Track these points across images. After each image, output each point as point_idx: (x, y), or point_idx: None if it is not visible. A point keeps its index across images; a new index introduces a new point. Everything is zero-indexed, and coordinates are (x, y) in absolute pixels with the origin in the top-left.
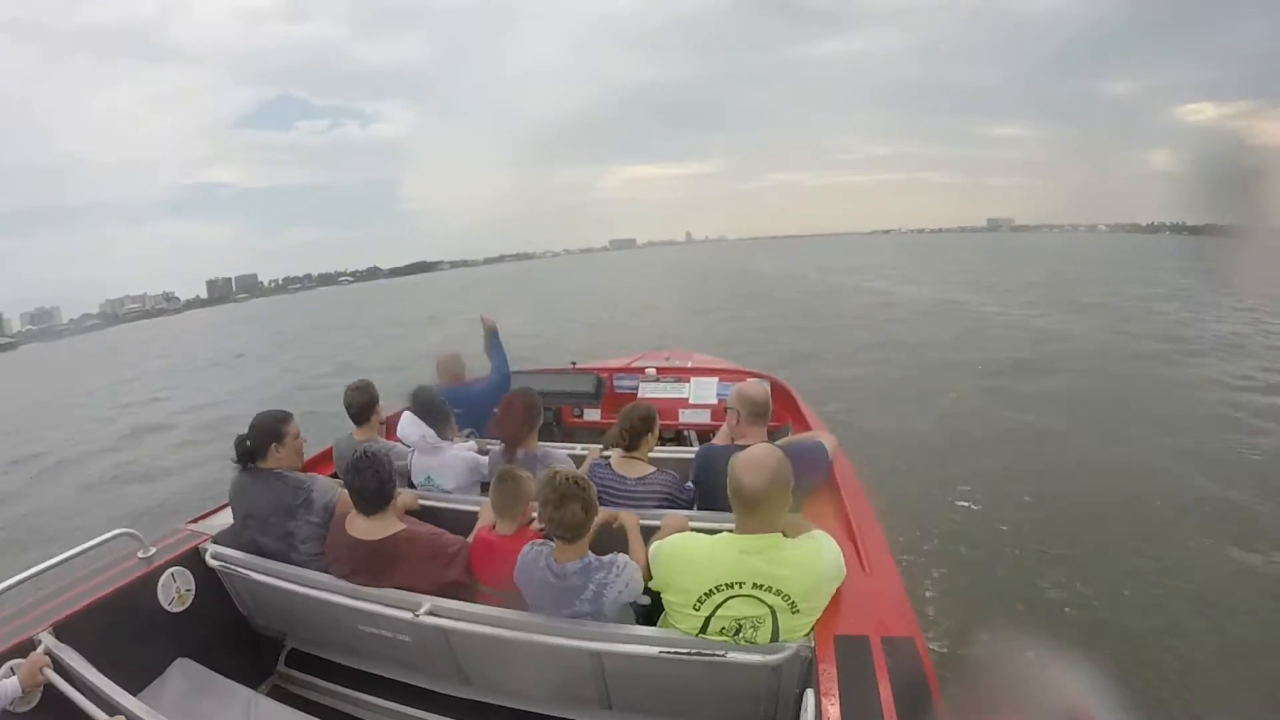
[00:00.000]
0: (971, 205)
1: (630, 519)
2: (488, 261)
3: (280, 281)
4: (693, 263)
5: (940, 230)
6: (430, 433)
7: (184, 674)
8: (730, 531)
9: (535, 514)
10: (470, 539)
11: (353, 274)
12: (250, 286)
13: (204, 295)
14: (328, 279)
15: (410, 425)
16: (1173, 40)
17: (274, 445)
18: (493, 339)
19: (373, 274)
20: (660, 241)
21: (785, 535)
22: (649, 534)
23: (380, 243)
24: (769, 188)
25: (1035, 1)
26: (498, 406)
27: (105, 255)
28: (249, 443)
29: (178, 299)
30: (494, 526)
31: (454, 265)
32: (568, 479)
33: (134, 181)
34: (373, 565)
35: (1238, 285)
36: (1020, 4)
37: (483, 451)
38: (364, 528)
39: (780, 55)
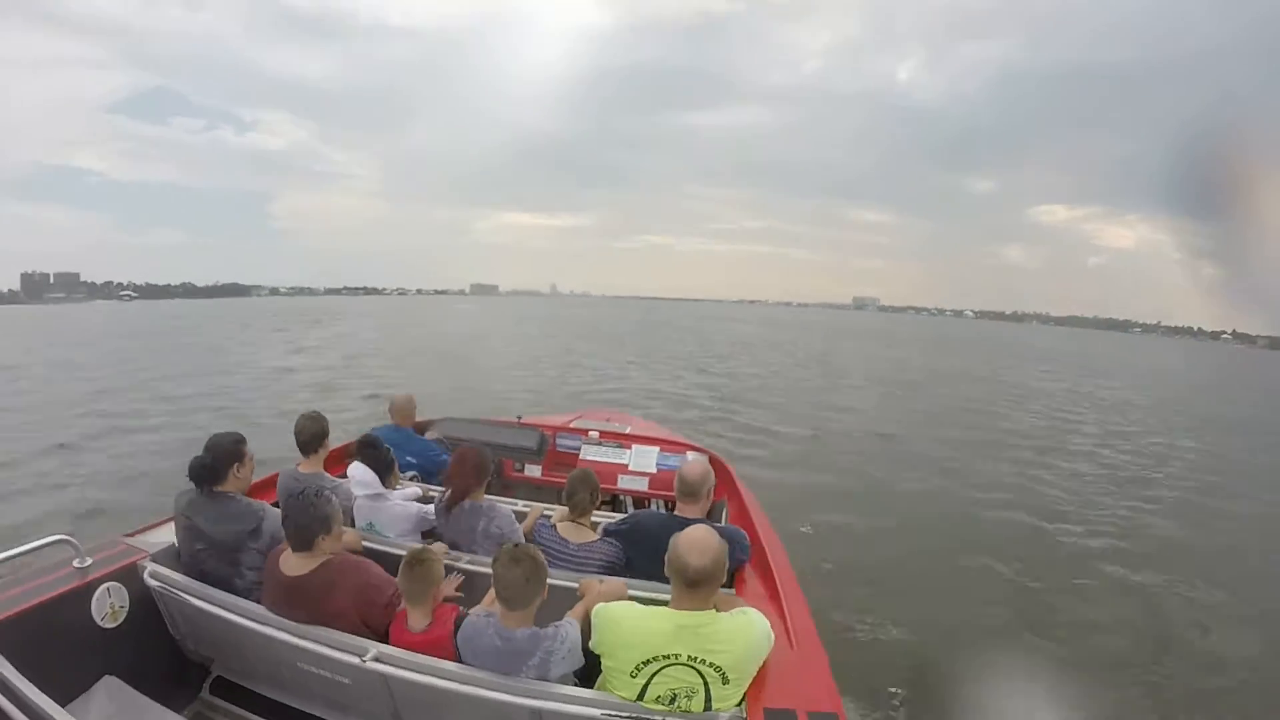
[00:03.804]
0: (837, 283)
1: (591, 585)
2: (329, 292)
3: (99, 284)
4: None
5: (806, 305)
6: (374, 480)
7: (110, 694)
8: (667, 605)
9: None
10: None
11: (135, 289)
12: (71, 285)
13: (17, 289)
14: (106, 290)
15: (355, 471)
16: (1031, 145)
17: (235, 466)
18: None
19: (162, 292)
20: (524, 290)
21: (718, 610)
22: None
23: (241, 256)
24: (638, 248)
25: (907, 99)
26: (452, 459)
27: None
28: (208, 463)
29: None
30: (406, 620)
31: (290, 292)
32: (528, 551)
33: None
34: (294, 599)
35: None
36: (895, 100)
37: (426, 499)
38: (293, 564)
39: (660, 119)
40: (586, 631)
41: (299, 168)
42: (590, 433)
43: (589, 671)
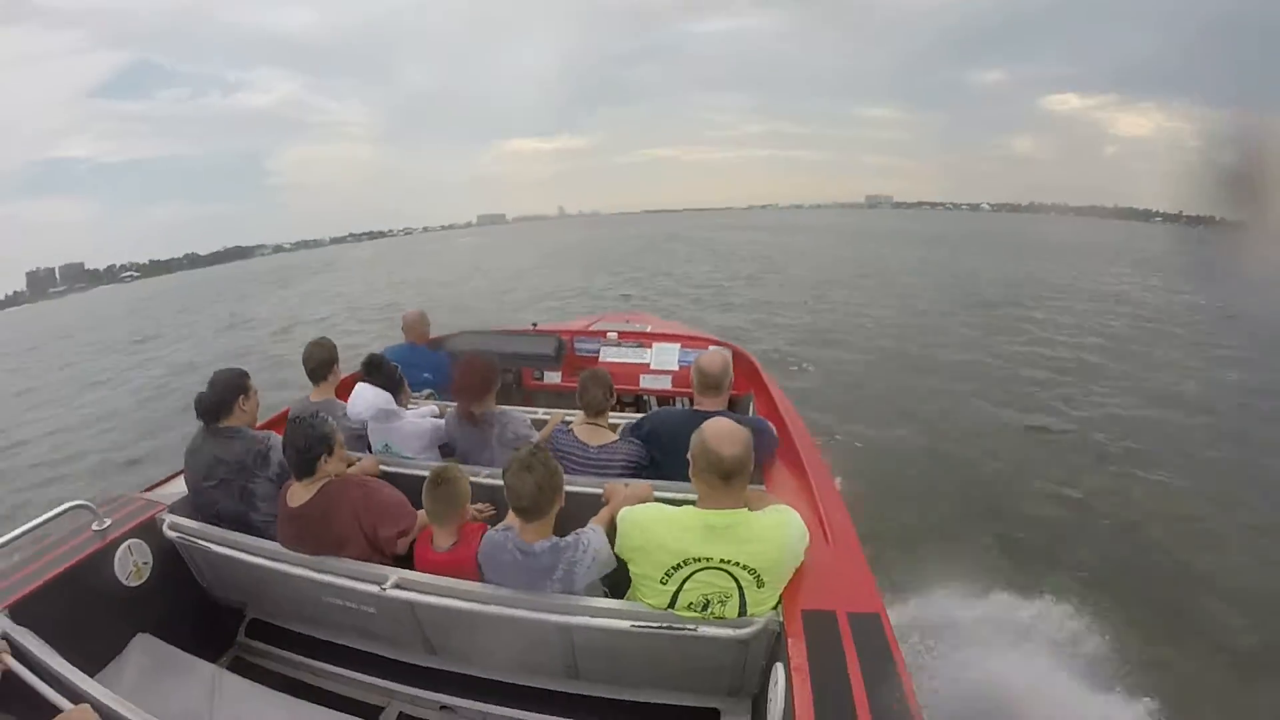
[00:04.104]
0: (848, 183)
1: (616, 489)
2: (334, 241)
3: (102, 270)
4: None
5: (819, 206)
6: (387, 399)
7: (144, 650)
8: (694, 505)
9: (475, 512)
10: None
11: (137, 267)
12: (76, 275)
13: (23, 289)
14: (110, 275)
15: (362, 398)
16: (1043, 35)
17: (240, 399)
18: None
19: (164, 267)
20: (531, 216)
21: (749, 508)
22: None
23: (244, 219)
24: (642, 163)
25: None
26: (455, 369)
27: None
28: (213, 398)
29: None
30: (431, 540)
31: (295, 247)
32: (537, 456)
33: None
34: (302, 530)
35: None
36: None
37: (442, 413)
38: (298, 493)
39: (660, 32)
40: (613, 538)
41: (292, 121)
42: (609, 334)
43: (619, 580)
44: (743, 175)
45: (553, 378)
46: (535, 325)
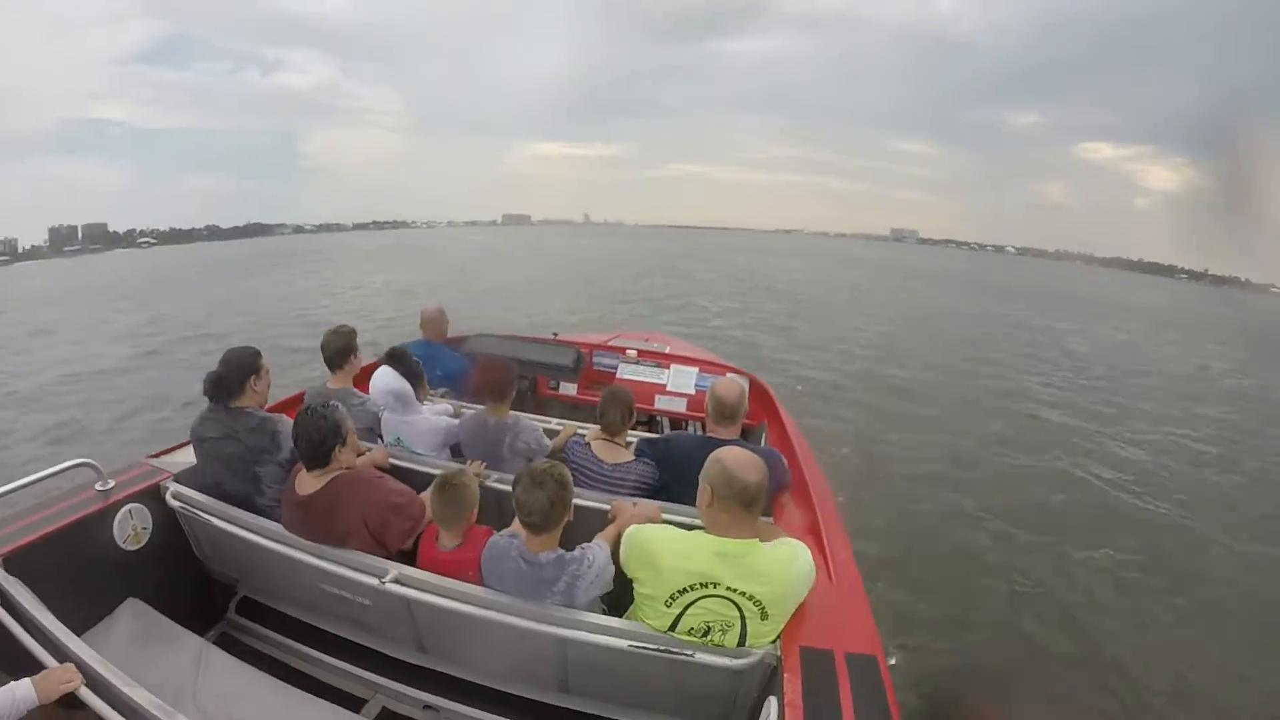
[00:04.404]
0: (874, 214)
1: (624, 508)
2: (357, 227)
3: (122, 233)
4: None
5: (844, 235)
6: (406, 388)
7: (134, 615)
8: (703, 530)
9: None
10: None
11: (155, 234)
12: (98, 236)
13: (43, 243)
14: (129, 239)
15: (382, 380)
16: (1080, 80)
17: (252, 379)
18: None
19: (186, 236)
20: (557, 220)
21: (760, 540)
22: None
23: (272, 197)
24: (671, 178)
25: (953, 28)
26: (475, 371)
27: None
28: (224, 376)
29: (14, 245)
30: (436, 538)
31: (317, 229)
32: (550, 473)
33: (20, 111)
34: (308, 519)
35: None
36: (939, 28)
37: (457, 414)
38: (307, 482)
39: (696, 48)
40: (617, 555)
41: (327, 105)
42: (628, 351)
43: (619, 599)
44: (769, 198)
45: (568, 389)
46: (555, 335)
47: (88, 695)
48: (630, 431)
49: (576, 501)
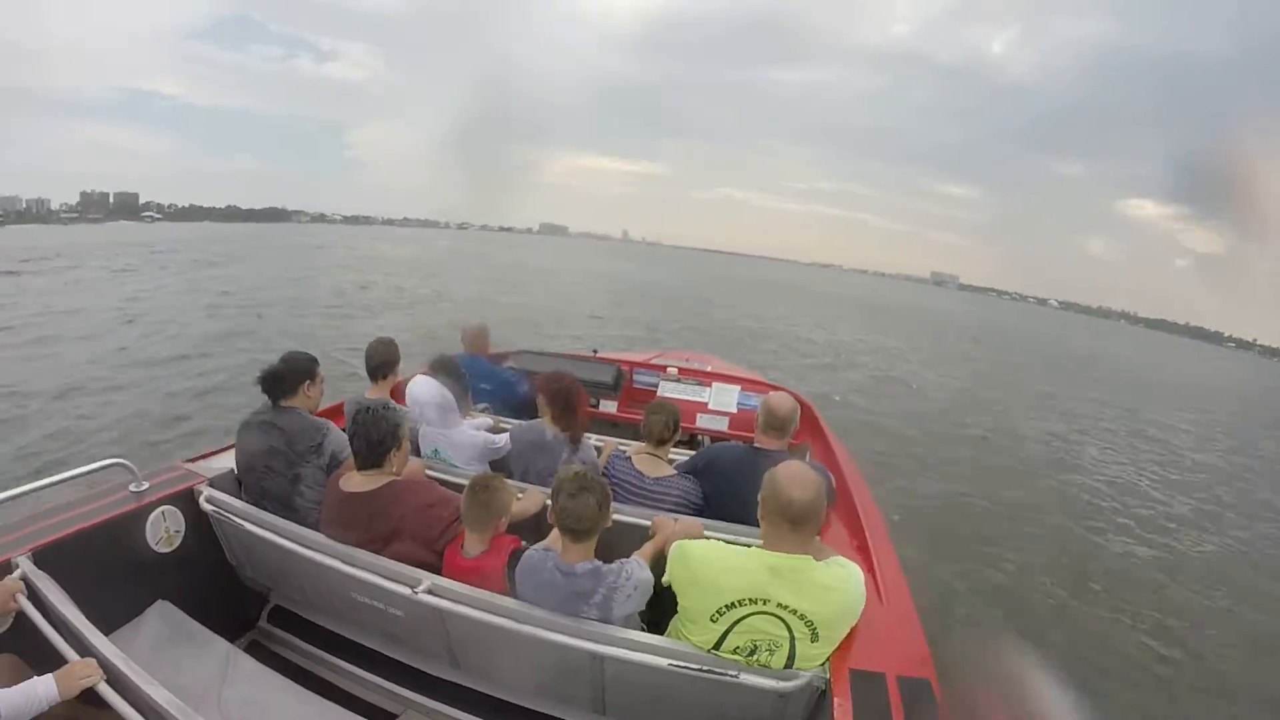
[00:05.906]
0: (913, 255)
1: (665, 523)
2: (386, 222)
3: (165, 206)
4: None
5: (883, 275)
6: (450, 399)
7: (163, 617)
8: (758, 546)
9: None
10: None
11: (160, 209)
12: (131, 207)
13: (72, 205)
14: (132, 209)
15: (425, 392)
16: (1127, 135)
17: (307, 384)
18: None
19: (189, 214)
20: (594, 234)
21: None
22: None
23: (311, 184)
24: (712, 200)
25: (1001, 74)
26: (542, 384)
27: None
28: (281, 373)
29: (48, 206)
30: (461, 545)
31: (346, 221)
32: (592, 476)
33: (75, 72)
34: (360, 519)
35: None
36: (992, 73)
37: (498, 430)
38: (357, 481)
39: (750, 73)
40: (656, 573)
41: (375, 99)
42: (669, 369)
43: (657, 622)
44: (809, 230)
45: (608, 407)
46: (595, 352)
47: (108, 693)
48: (673, 449)
49: (615, 516)
